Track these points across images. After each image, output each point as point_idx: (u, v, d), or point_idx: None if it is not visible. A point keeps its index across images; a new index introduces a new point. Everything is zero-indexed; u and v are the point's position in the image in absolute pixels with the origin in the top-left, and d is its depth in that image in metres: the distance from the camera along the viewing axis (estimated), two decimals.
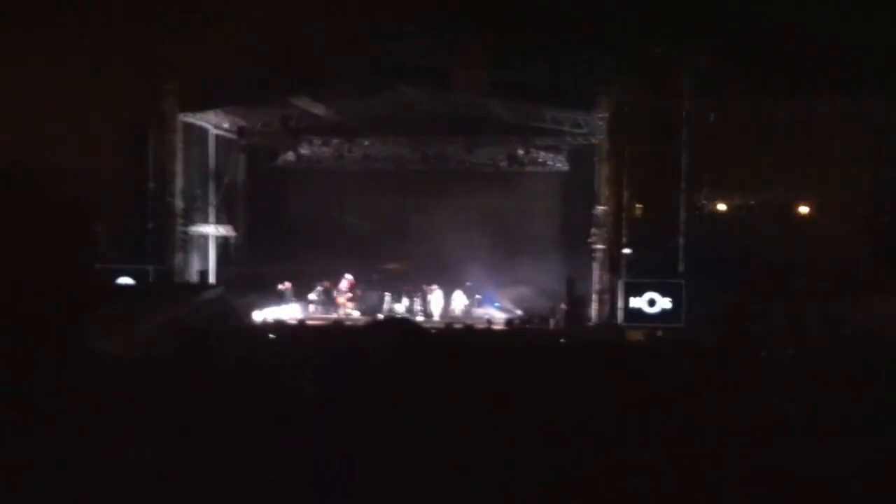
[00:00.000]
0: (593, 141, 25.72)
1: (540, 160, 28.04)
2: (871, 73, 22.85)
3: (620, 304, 23.40)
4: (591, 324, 24.41)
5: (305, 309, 26.92)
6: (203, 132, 26.79)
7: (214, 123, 27.11)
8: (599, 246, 24.88)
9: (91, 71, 24.62)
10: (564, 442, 6.75)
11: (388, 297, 27.16)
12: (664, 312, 22.94)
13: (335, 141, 27.84)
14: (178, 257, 25.34)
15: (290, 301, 26.82)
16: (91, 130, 24.31)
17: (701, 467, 6.98)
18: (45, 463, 5.69)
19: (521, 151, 27.23)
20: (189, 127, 25.94)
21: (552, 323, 24.72)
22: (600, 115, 24.62)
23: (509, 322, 25.01)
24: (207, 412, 6.36)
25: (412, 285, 27.37)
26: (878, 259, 22.62)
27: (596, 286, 24.93)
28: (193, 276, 25.93)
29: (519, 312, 25.91)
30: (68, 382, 6.20)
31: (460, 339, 20.54)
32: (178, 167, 25.39)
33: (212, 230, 27.18)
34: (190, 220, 25.93)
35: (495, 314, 26.21)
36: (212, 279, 26.63)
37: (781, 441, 7.28)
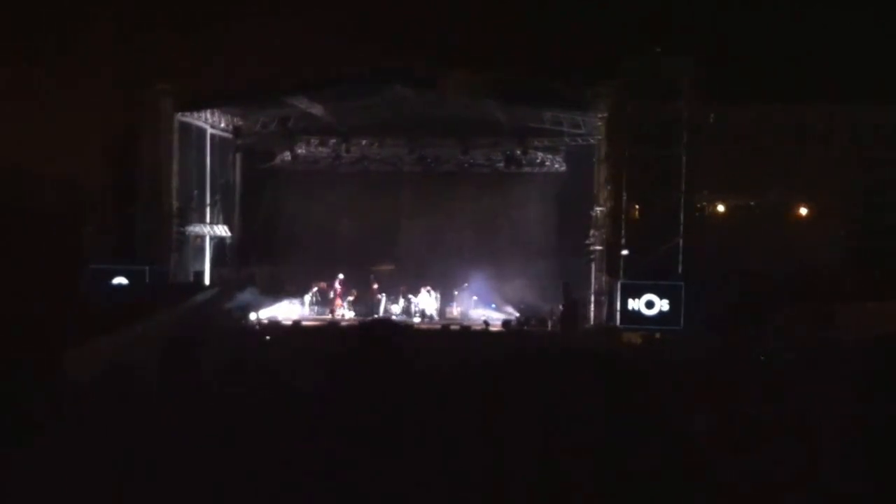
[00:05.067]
0: (591, 142, 25.62)
1: (538, 161, 27.94)
2: (868, 79, 22.87)
3: (618, 306, 23.26)
4: (588, 326, 24.28)
5: (301, 309, 26.82)
6: (200, 132, 26.67)
7: (211, 123, 26.99)
8: (597, 247, 24.75)
9: (88, 71, 24.54)
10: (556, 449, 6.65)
11: (384, 298, 27.06)
12: (662, 315, 22.78)
13: (332, 142, 27.75)
14: (174, 258, 25.18)
15: (290, 301, 26.77)
16: (87, 130, 24.23)
17: (698, 472, 6.88)
18: (24, 471, 5.59)
19: (518, 152, 27.13)
20: (185, 127, 25.81)
21: (549, 325, 24.61)
22: (599, 116, 24.51)
23: (506, 324, 24.90)
24: (190, 421, 6.26)
25: (408, 287, 27.26)
26: (872, 262, 22.59)
27: (594, 288, 24.80)
28: (189, 277, 25.82)
29: (516, 314, 25.80)
30: (47, 391, 6.10)
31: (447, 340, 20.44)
32: (175, 167, 25.25)
33: (208, 230, 27.06)
34: (186, 220, 25.80)
35: (493, 316, 26.09)
36: (207, 280, 26.52)
37: (779, 444, 7.20)
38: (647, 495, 6.57)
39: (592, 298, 24.74)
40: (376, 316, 26.01)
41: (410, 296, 26.89)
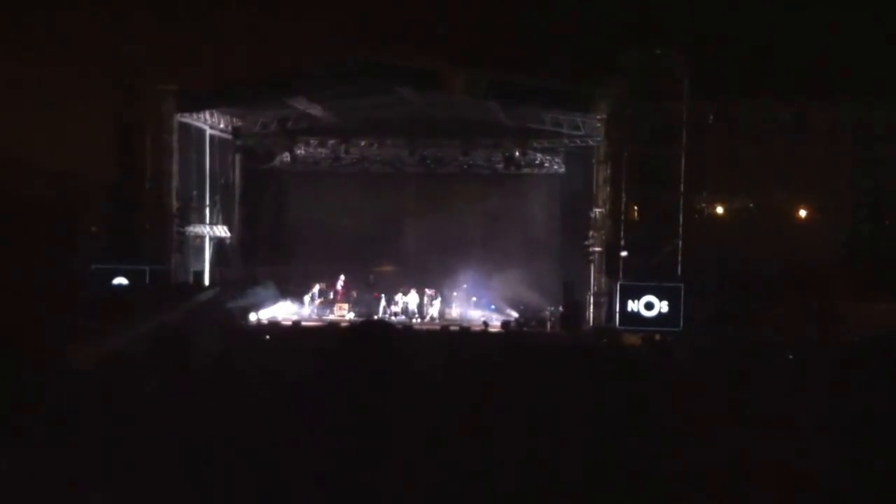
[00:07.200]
0: (591, 143, 25.60)
1: (537, 162, 27.92)
2: (871, 77, 22.85)
3: (617, 307, 23.22)
4: (587, 327, 24.24)
5: (300, 310, 26.81)
6: (200, 133, 26.69)
7: (210, 124, 27.01)
8: (596, 248, 24.71)
9: (88, 72, 24.57)
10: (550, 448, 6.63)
11: (383, 298, 27.04)
12: (662, 316, 22.74)
13: (332, 142, 27.75)
14: (174, 258, 25.22)
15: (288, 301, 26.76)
16: (88, 130, 24.27)
17: (693, 471, 6.87)
18: (16, 471, 5.57)
19: (517, 153, 27.13)
20: (185, 127, 25.83)
21: (549, 326, 24.59)
22: (599, 117, 24.49)
23: (505, 325, 24.87)
24: (186, 418, 6.24)
25: (407, 287, 27.25)
26: (872, 262, 22.57)
27: (593, 289, 24.77)
28: (189, 277, 25.82)
29: (516, 315, 25.77)
30: (43, 388, 6.09)
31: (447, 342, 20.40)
32: (175, 167, 25.29)
33: (208, 231, 27.08)
34: (186, 220, 25.83)
35: (492, 316, 26.05)
36: (207, 280, 26.53)
37: (778, 444, 7.18)
38: (644, 495, 6.57)
39: (592, 300, 24.70)
40: (376, 317, 25.98)
41: (401, 294, 26.91)
